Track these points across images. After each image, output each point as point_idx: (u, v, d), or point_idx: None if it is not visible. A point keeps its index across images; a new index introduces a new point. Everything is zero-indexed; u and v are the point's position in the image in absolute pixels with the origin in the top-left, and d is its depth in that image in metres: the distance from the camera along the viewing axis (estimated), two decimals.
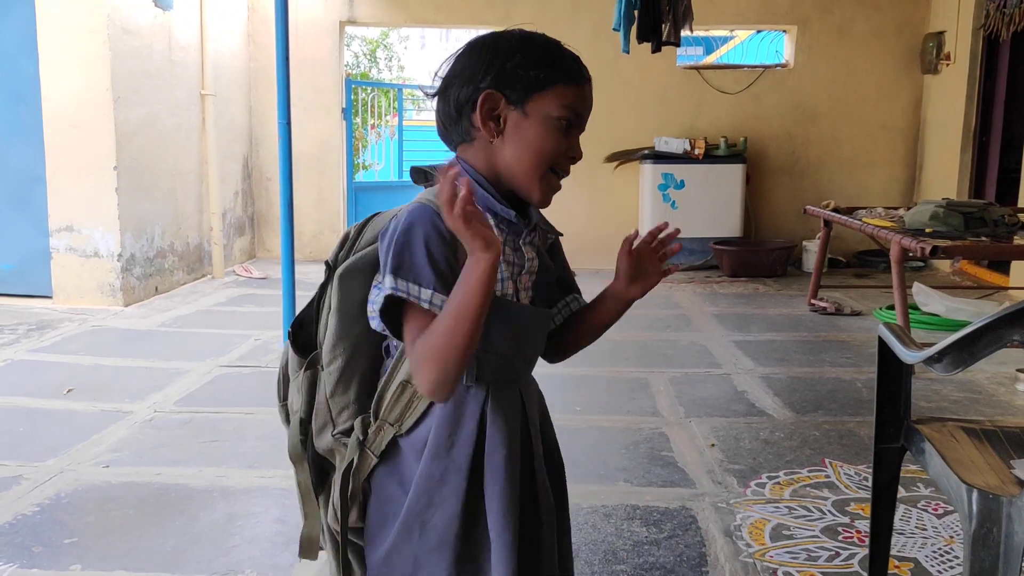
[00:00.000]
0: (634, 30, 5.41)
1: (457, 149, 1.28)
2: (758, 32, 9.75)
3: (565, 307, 1.40)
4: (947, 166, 6.95)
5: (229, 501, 2.72)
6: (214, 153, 6.56)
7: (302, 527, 1.37)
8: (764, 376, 4.10)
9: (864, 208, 5.55)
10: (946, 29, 6.94)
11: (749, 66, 7.82)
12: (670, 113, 7.43)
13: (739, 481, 2.87)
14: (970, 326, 1.50)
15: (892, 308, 4.57)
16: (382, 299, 1.16)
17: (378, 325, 1.22)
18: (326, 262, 1.32)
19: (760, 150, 7.43)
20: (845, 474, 2.93)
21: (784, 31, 7.72)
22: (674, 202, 7.13)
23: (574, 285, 1.42)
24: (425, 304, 1.14)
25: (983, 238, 4.16)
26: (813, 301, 5.66)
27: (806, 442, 3.24)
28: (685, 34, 5.57)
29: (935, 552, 2.39)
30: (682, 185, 7.11)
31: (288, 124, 4.41)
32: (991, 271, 6.37)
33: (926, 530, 2.52)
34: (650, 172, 7.14)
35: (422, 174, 1.28)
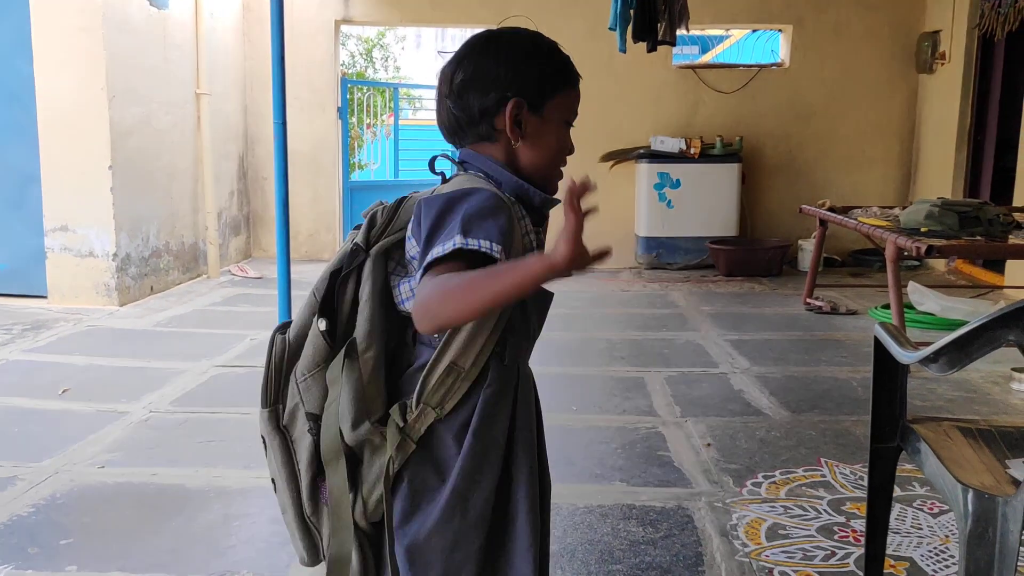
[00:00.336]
0: (630, 29, 5.41)
1: (468, 145, 1.34)
2: (754, 31, 9.78)
3: None
4: (942, 165, 6.96)
5: (225, 502, 2.71)
6: (209, 152, 6.55)
7: (328, 545, 1.32)
8: (760, 375, 4.11)
9: (859, 207, 5.56)
10: (941, 28, 6.96)
11: (745, 65, 7.83)
12: (666, 112, 7.44)
13: (735, 480, 2.87)
14: (966, 327, 1.50)
15: (888, 307, 4.58)
16: (447, 251, 1.13)
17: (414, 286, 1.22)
18: (356, 244, 1.31)
19: (756, 149, 7.44)
20: (841, 473, 2.94)
21: (780, 30, 7.73)
22: (670, 201, 7.13)
23: None
24: (496, 255, 1.14)
25: (978, 237, 4.16)
26: (809, 300, 5.67)
27: (802, 441, 3.24)
28: (681, 33, 5.57)
29: (931, 551, 2.39)
30: (678, 184, 7.11)
31: (284, 123, 4.41)
32: (986, 270, 6.38)
33: (922, 529, 2.53)
34: (646, 171, 7.14)
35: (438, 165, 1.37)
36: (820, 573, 2.28)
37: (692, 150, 7.04)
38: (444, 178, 1.36)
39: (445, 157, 1.37)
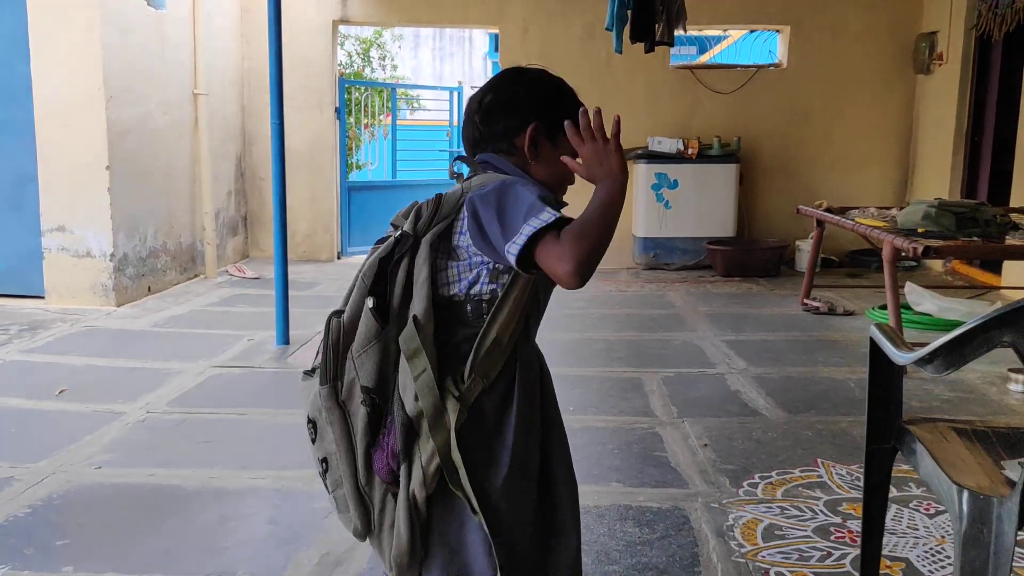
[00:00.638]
0: (627, 30, 5.42)
1: (487, 154, 1.53)
2: (751, 32, 9.78)
3: None
4: (939, 166, 6.97)
5: (222, 502, 2.71)
6: (207, 152, 6.55)
7: (399, 543, 1.43)
8: (757, 376, 4.11)
9: (857, 208, 5.57)
10: (938, 29, 6.97)
11: (742, 66, 7.83)
12: (663, 113, 7.44)
13: (732, 481, 2.88)
14: (961, 327, 1.50)
15: (885, 308, 4.58)
16: (547, 222, 1.30)
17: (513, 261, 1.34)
18: (403, 231, 1.44)
19: (753, 150, 7.44)
20: (837, 474, 2.94)
21: (777, 31, 7.73)
22: (667, 202, 7.14)
23: None
24: (562, 214, 1.34)
25: (975, 238, 4.17)
26: (806, 301, 5.68)
27: (798, 442, 3.25)
28: (678, 34, 5.57)
29: (926, 552, 2.40)
30: (675, 185, 7.12)
31: (281, 123, 4.41)
32: (983, 271, 6.39)
33: (917, 530, 2.53)
34: (644, 172, 7.14)
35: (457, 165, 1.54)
36: (816, 574, 2.28)
37: (690, 151, 7.05)
38: (461, 178, 1.51)
39: (462, 160, 1.55)
